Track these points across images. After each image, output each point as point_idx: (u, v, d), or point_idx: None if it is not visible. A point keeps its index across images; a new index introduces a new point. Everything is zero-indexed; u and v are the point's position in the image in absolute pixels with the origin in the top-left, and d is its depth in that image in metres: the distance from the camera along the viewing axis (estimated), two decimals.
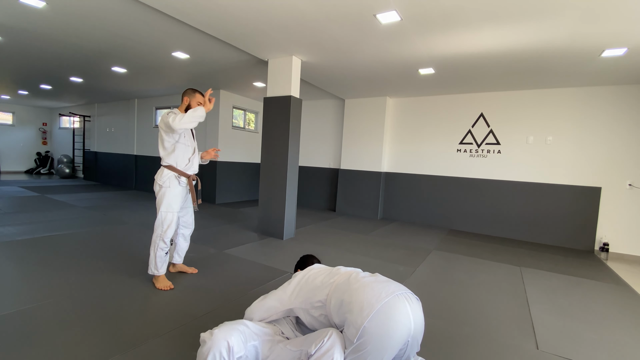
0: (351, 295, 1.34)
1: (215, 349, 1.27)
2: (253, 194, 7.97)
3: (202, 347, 1.30)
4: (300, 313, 1.53)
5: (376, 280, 1.39)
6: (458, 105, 5.62)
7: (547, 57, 3.65)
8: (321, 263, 1.85)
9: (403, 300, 1.28)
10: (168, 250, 2.53)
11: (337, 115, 6.97)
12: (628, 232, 4.48)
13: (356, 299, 1.31)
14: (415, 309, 1.30)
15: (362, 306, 1.27)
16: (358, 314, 1.26)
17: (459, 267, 3.52)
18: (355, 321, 1.25)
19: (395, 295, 1.28)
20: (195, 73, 5.48)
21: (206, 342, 1.30)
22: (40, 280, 2.50)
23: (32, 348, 1.66)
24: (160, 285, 2.48)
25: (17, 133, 11.32)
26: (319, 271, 1.60)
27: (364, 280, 1.39)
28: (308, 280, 1.56)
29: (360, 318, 1.24)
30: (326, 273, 1.57)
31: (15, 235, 3.66)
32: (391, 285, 1.35)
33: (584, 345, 2.06)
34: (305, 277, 1.59)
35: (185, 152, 2.55)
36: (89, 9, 3.25)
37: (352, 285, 1.39)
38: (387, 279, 1.44)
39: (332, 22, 3.12)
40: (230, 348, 1.28)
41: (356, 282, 1.39)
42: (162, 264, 2.49)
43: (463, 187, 5.60)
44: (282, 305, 1.56)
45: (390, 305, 1.25)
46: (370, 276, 1.45)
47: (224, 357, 1.27)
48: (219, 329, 1.33)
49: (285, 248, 3.86)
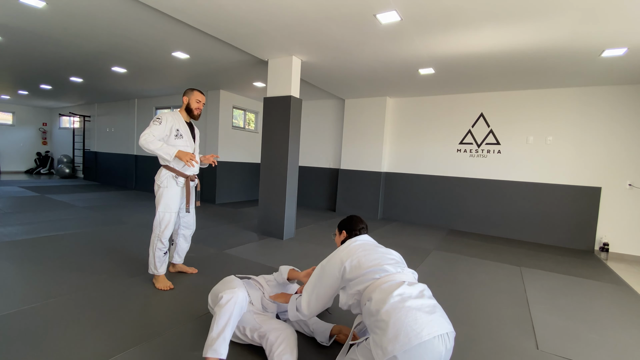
0: (389, 313, 1.25)
1: (236, 297, 1.55)
2: (253, 194, 7.97)
3: (225, 297, 1.55)
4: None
5: (421, 309, 1.26)
6: (458, 105, 5.62)
7: (547, 57, 3.65)
8: (367, 230, 1.86)
9: (440, 344, 1.21)
10: (167, 250, 2.53)
11: (337, 115, 6.97)
12: (628, 232, 4.48)
13: (394, 322, 1.23)
14: (449, 350, 1.25)
15: (397, 334, 1.20)
16: (391, 340, 1.20)
17: (459, 267, 3.52)
18: (386, 346, 1.21)
19: (435, 337, 1.20)
20: (195, 73, 5.48)
21: (228, 294, 1.56)
22: (40, 280, 2.50)
23: (33, 348, 1.66)
24: (160, 286, 2.48)
25: (17, 133, 11.32)
26: (365, 254, 1.53)
27: (408, 304, 1.27)
28: (353, 265, 1.50)
29: (391, 345, 1.19)
30: (373, 261, 1.49)
31: (15, 235, 3.66)
32: (434, 321, 1.24)
33: (584, 345, 2.06)
34: (352, 258, 1.53)
35: None
36: (89, 9, 3.25)
37: (394, 300, 1.28)
38: (433, 304, 1.32)
39: (332, 22, 3.12)
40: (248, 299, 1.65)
41: (400, 301, 1.28)
42: (161, 264, 2.49)
43: (463, 187, 5.60)
44: (334, 292, 1.59)
45: (426, 347, 1.18)
46: (417, 298, 1.31)
47: (243, 305, 1.57)
48: (239, 287, 1.64)
49: (285, 248, 3.86)
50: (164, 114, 2.49)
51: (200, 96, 2.60)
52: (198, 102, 2.59)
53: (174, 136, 2.49)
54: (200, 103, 2.61)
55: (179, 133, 2.52)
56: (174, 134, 2.49)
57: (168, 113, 2.52)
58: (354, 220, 1.87)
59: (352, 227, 1.83)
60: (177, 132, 2.51)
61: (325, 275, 1.58)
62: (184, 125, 2.57)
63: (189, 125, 2.64)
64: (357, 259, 1.51)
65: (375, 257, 1.52)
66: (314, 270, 1.68)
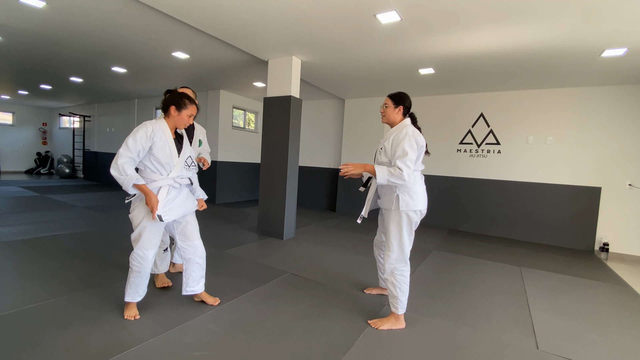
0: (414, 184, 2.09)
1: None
2: (253, 194, 7.97)
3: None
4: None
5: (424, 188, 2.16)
6: (458, 105, 5.62)
7: (547, 57, 3.65)
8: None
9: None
10: (166, 248, 2.53)
11: (337, 115, 6.97)
12: (628, 232, 4.48)
13: (417, 190, 2.09)
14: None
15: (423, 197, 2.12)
16: (420, 201, 2.10)
17: (459, 267, 3.52)
18: (416, 205, 2.07)
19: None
20: (195, 73, 5.48)
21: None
22: (40, 280, 2.50)
23: (32, 348, 1.66)
24: (159, 284, 2.50)
25: (17, 133, 11.32)
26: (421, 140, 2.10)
27: (421, 182, 2.16)
28: (420, 145, 2.07)
29: (422, 205, 2.11)
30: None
31: (15, 235, 3.66)
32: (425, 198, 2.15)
33: (584, 345, 2.06)
34: (419, 140, 2.06)
35: None
36: (89, 9, 3.25)
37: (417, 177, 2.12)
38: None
39: (332, 22, 3.12)
40: None
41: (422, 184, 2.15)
42: (160, 261, 2.50)
43: (463, 187, 5.60)
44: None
45: (423, 213, 2.17)
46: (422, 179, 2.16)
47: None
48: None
49: (285, 248, 3.86)
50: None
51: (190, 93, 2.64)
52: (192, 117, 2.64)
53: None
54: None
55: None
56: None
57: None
58: (409, 100, 2.21)
59: (409, 106, 2.21)
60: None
61: (415, 147, 2.01)
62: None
63: (188, 127, 2.65)
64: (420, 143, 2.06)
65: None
66: (407, 142, 1.99)
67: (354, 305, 2.42)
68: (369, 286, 2.77)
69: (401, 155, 1.96)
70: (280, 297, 2.49)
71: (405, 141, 1.99)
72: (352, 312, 2.31)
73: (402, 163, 1.94)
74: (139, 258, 1.96)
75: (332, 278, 2.95)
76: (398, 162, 1.95)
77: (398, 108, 2.17)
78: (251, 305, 2.31)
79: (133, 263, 1.97)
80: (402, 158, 1.95)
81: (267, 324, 2.07)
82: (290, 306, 2.34)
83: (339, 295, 2.58)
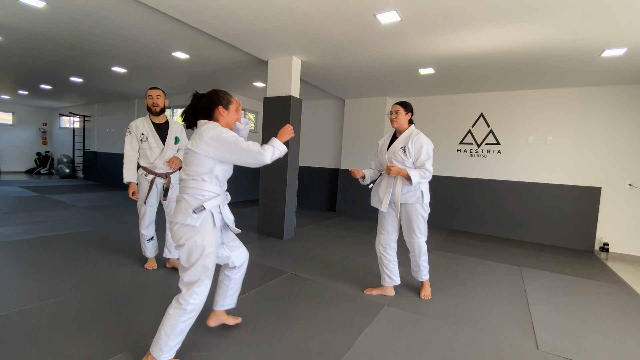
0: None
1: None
2: (253, 194, 7.97)
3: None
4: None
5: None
6: (458, 105, 5.62)
7: (547, 57, 3.65)
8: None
9: None
10: (151, 238, 2.85)
11: (337, 115, 6.97)
12: (628, 232, 4.48)
13: (427, 187, 2.51)
14: None
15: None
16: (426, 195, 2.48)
17: (459, 267, 3.52)
18: (429, 199, 2.49)
19: None
20: (195, 73, 5.48)
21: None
22: (40, 280, 2.50)
23: (32, 348, 1.66)
24: (147, 266, 2.90)
25: (17, 133, 11.31)
26: None
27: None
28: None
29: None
30: None
31: (15, 235, 3.66)
32: None
33: (584, 345, 2.06)
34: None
35: (151, 154, 2.72)
36: (89, 9, 3.25)
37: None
38: None
39: (332, 22, 3.12)
40: None
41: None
42: (147, 248, 2.88)
43: (463, 187, 5.60)
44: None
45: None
46: None
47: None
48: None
49: (285, 248, 3.86)
50: (133, 122, 2.72)
51: (151, 91, 2.69)
52: (150, 97, 2.69)
53: (140, 141, 2.69)
54: (151, 98, 2.69)
55: (144, 137, 2.68)
56: (140, 138, 2.68)
57: (137, 120, 2.74)
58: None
59: (412, 114, 2.53)
60: (142, 136, 2.68)
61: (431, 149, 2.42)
62: (149, 127, 2.71)
63: (161, 125, 2.76)
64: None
65: None
66: (430, 147, 2.39)
67: (354, 305, 2.42)
68: (369, 286, 2.77)
69: (426, 158, 2.35)
70: (280, 297, 2.49)
71: (427, 146, 2.38)
72: (352, 312, 2.31)
73: (430, 165, 2.36)
74: (203, 294, 1.54)
75: (332, 278, 2.95)
76: (427, 165, 2.35)
77: (408, 114, 2.49)
78: (251, 305, 2.31)
79: (188, 304, 1.50)
80: (428, 161, 2.36)
81: (267, 324, 2.07)
82: (290, 306, 2.34)
83: (339, 295, 2.58)
